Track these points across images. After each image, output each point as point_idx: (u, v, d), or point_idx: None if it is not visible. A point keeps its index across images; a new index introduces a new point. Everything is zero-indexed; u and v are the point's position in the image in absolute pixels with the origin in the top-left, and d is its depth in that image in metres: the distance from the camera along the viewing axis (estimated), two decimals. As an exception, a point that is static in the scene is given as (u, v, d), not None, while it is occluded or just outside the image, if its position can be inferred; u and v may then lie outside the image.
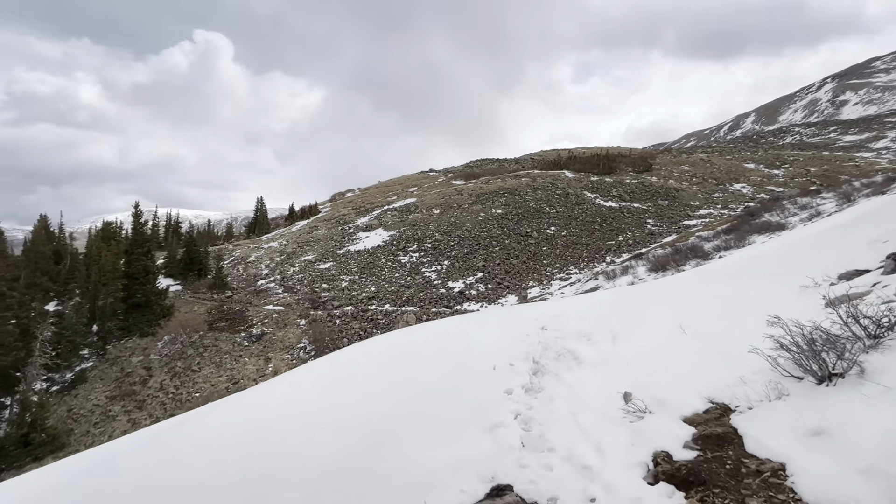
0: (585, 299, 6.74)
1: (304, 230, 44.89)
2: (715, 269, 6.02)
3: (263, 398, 5.34)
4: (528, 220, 34.96)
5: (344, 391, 4.84)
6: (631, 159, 52.35)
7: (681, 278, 7.05)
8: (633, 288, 7.04)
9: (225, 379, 20.14)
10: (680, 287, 5.65)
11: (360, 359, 6.12)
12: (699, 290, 5.28)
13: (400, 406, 3.91)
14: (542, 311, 6.34)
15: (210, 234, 62.95)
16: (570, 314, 5.61)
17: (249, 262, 37.23)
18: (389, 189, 56.60)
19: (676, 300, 5.29)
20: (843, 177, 38.00)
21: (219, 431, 4.30)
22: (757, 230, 20.23)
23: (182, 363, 20.94)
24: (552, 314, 5.78)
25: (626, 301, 5.88)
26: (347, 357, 6.59)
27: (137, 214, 25.26)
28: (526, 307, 7.54)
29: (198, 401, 18.71)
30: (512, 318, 6.42)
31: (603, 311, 5.51)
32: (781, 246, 6.73)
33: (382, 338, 7.09)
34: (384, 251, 33.01)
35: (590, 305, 5.84)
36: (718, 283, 5.29)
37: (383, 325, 23.35)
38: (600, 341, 4.56)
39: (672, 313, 4.73)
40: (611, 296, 6.63)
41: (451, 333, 6.04)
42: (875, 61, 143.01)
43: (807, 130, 70.55)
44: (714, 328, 4.18)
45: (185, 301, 26.80)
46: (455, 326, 6.25)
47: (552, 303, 7.69)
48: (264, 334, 23.22)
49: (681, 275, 9.15)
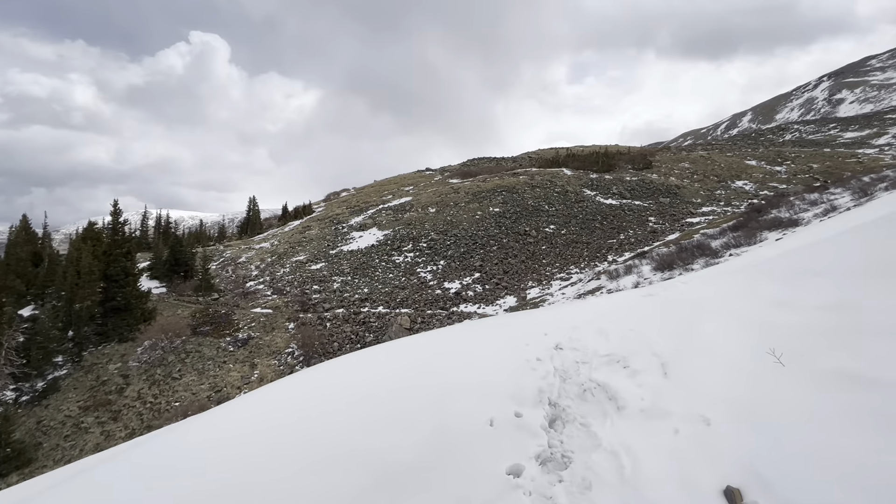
0: (603, 303, 5.63)
1: (296, 230, 43.75)
2: (768, 266, 4.89)
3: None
4: (526, 218, 33.94)
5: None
6: (630, 157, 51.49)
7: (716, 276, 5.89)
8: (657, 289, 5.90)
9: (207, 387, 18.99)
10: (728, 287, 4.46)
11: (284, 418, 3.70)
12: (763, 294, 3.87)
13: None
14: (549, 319, 5.20)
15: (202, 234, 61.70)
16: (586, 325, 4.54)
17: (239, 264, 36.05)
18: (385, 188, 55.51)
19: (737, 309, 3.82)
20: (847, 173, 37.18)
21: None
22: (767, 227, 19.27)
23: (162, 370, 19.77)
24: (565, 325, 4.67)
25: (660, 308, 4.74)
26: (266, 414, 3.97)
27: (116, 213, 24.06)
28: (529, 315, 6.30)
29: (177, 411, 17.59)
30: (513, 330, 5.26)
31: (631, 322, 4.43)
32: (837, 236, 5.66)
33: (336, 370, 5.29)
34: (378, 251, 31.90)
35: (611, 312, 4.71)
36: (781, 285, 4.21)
37: (376, 328, 22.27)
38: (643, 370, 3.35)
39: (740, 329, 3.43)
40: (633, 299, 5.49)
41: (430, 362, 4.46)
42: (871, 59, 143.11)
43: (806, 128, 69.91)
44: (836, 358, 2.67)
45: (169, 304, 25.62)
46: (438, 345, 4.98)
47: (560, 309, 6.44)
48: (251, 339, 22.07)
49: (712, 272, 7.90)
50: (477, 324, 6.71)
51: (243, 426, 3.68)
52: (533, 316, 6.21)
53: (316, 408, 3.63)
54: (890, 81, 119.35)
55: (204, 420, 4.53)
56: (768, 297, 3.62)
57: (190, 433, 4.15)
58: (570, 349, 4.02)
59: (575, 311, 5.60)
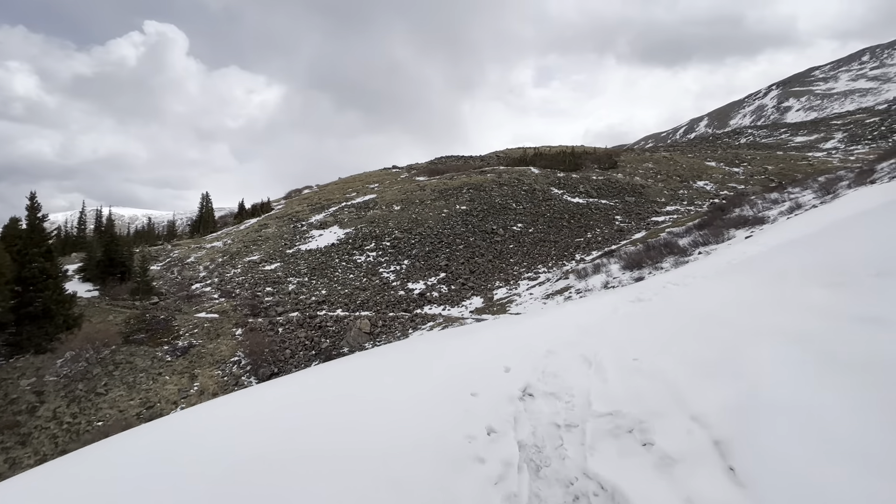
0: (583, 313, 4.46)
1: (252, 228, 41.18)
2: (773, 263, 3.90)
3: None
4: (493, 216, 33.09)
5: None
6: (596, 157, 51.83)
7: (716, 277, 4.83)
8: (647, 293, 4.80)
9: (137, 403, 16.87)
10: (746, 291, 3.40)
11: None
12: (804, 300, 2.80)
13: None
14: (511, 338, 3.99)
15: (150, 233, 57.56)
16: (566, 349, 3.48)
17: (187, 264, 33.33)
18: (349, 185, 53.46)
19: (786, 325, 2.63)
20: (798, 175, 38.59)
21: None
22: (733, 224, 19.11)
23: (84, 385, 17.44)
24: (535, 350, 3.53)
25: (667, 323, 3.60)
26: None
27: (33, 207, 21.27)
28: (484, 332, 4.77)
29: (99, 431, 15.42)
30: (458, 359, 3.74)
31: (633, 346, 3.33)
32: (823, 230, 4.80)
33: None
34: (338, 250, 30.16)
35: (599, 328, 3.53)
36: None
37: (333, 332, 20.67)
38: (684, 456, 1.94)
39: (823, 364, 2.13)
40: (620, 306, 4.34)
41: (299, 430, 2.76)
42: (815, 70, 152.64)
43: (759, 132, 73.06)
44: None
45: (100, 309, 23.00)
46: (340, 386, 3.49)
47: (527, 323, 4.88)
48: (192, 347, 19.98)
49: (705, 270, 6.76)
50: (412, 348, 5.27)
51: None
52: (490, 332, 4.82)
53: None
54: (832, 91, 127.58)
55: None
56: (813, 305, 2.58)
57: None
58: (545, 396, 2.79)
59: (548, 324, 4.42)
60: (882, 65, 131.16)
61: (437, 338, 5.36)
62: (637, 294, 4.98)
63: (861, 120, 62.01)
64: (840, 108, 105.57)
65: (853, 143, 51.64)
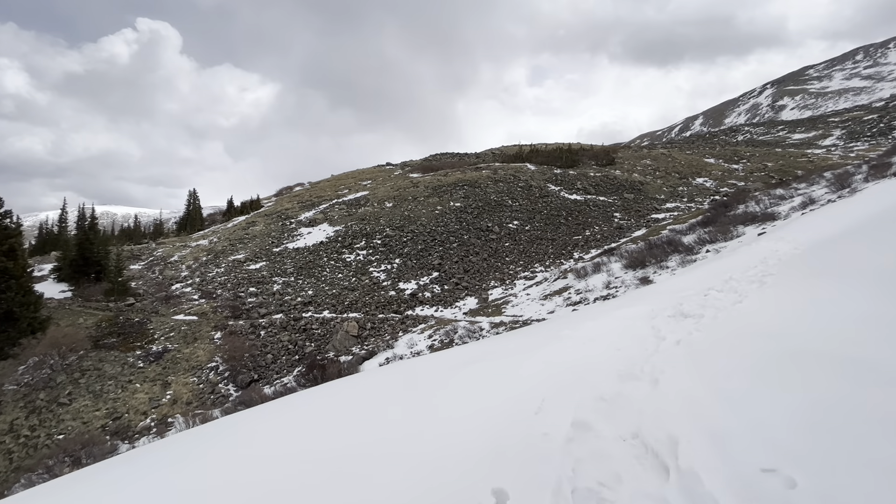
0: (609, 332, 3.17)
1: (240, 226, 39.81)
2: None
3: None
4: (489, 213, 31.97)
5: None
6: (593, 153, 50.85)
7: (776, 283, 3.57)
8: (691, 305, 3.44)
9: (103, 413, 15.59)
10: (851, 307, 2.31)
11: None
12: None
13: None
14: (507, 388, 2.84)
15: (135, 231, 55.94)
16: (603, 416, 2.13)
17: (170, 263, 31.95)
18: (342, 182, 52.12)
19: None
20: (799, 171, 37.80)
21: None
22: (741, 221, 18.12)
23: (46, 394, 16.12)
24: (551, 427, 2.17)
25: (762, 356, 2.29)
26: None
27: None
28: (460, 382, 3.29)
29: (59, 445, 14.14)
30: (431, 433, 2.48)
31: (729, 410, 2.01)
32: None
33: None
34: (327, 248, 28.91)
35: (643, 364, 2.23)
36: None
37: (318, 335, 19.48)
38: None
39: None
40: (664, 322, 3.02)
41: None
42: (809, 69, 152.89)
43: (756, 129, 72.47)
44: None
45: (71, 312, 21.63)
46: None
47: (531, 358, 3.34)
48: (166, 352, 18.71)
49: (743, 268, 5.35)
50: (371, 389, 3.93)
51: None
52: (472, 384, 3.34)
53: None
54: (826, 90, 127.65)
55: None
56: None
57: None
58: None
59: (563, 361, 3.04)
60: (876, 64, 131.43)
61: (391, 384, 3.96)
62: (676, 305, 3.78)
63: (859, 117, 61.50)
64: (835, 107, 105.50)
65: (852, 140, 51.01)
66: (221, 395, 16.57)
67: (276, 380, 16.83)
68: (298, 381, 15.30)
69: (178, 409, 15.88)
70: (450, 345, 14.83)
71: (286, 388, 15.22)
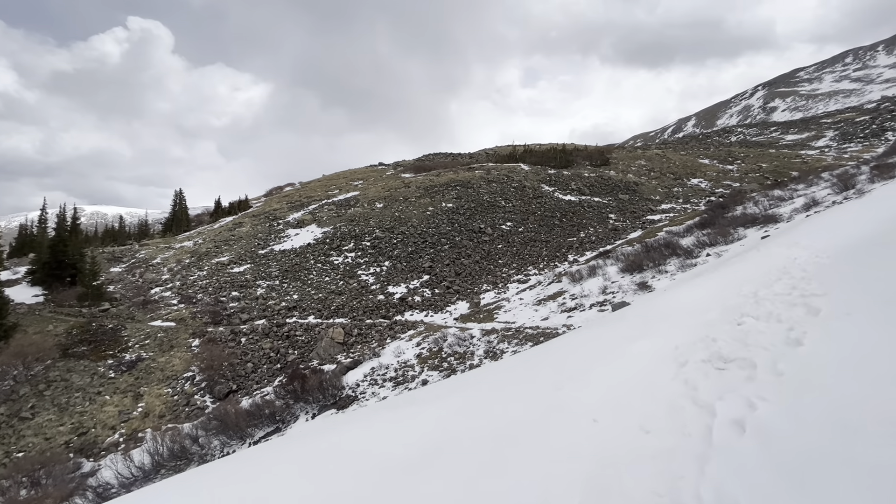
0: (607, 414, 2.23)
1: (226, 227, 38.67)
2: None
3: None
4: (481, 214, 31.21)
5: None
6: (587, 154, 50.31)
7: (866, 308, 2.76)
8: (713, 327, 2.78)
9: (68, 429, 14.58)
10: None
11: None
12: None
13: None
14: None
15: (120, 232, 54.47)
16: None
17: (151, 266, 30.80)
18: (332, 182, 51.09)
19: None
20: (794, 172, 37.46)
21: None
22: (740, 223, 17.50)
23: (7, 408, 15.08)
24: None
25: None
26: None
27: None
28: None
29: (16, 464, 13.12)
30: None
31: None
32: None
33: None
34: (314, 251, 27.98)
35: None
36: None
37: (302, 343, 18.58)
38: None
39: None
40: (695, 367, 2.10)
41: None
42: (799, 72, 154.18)
43: (749, 130, 72.49)
44: None
45: (41, 318, 20.53)
46: None
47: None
48: (140, 361, 17.70)
49: (772, 270, 4.66)
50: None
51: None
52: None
53: None
54: (816, 92, 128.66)
55: None
56: None
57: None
58: None
59: (555, 458, 2.06)
60: (865, 66, 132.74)
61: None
62: (706, 338, 2.93)
63: (851, 118, 61.62)
64: (825, 109, 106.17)
65: (845, 141, 50.96)
66: (197, 406, 15.62)
67: (255, 390, 15.91)
68: (278, 392, 14.39)
69: (150, 423, 14.91)
70: (439, 353, 14.02)
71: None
